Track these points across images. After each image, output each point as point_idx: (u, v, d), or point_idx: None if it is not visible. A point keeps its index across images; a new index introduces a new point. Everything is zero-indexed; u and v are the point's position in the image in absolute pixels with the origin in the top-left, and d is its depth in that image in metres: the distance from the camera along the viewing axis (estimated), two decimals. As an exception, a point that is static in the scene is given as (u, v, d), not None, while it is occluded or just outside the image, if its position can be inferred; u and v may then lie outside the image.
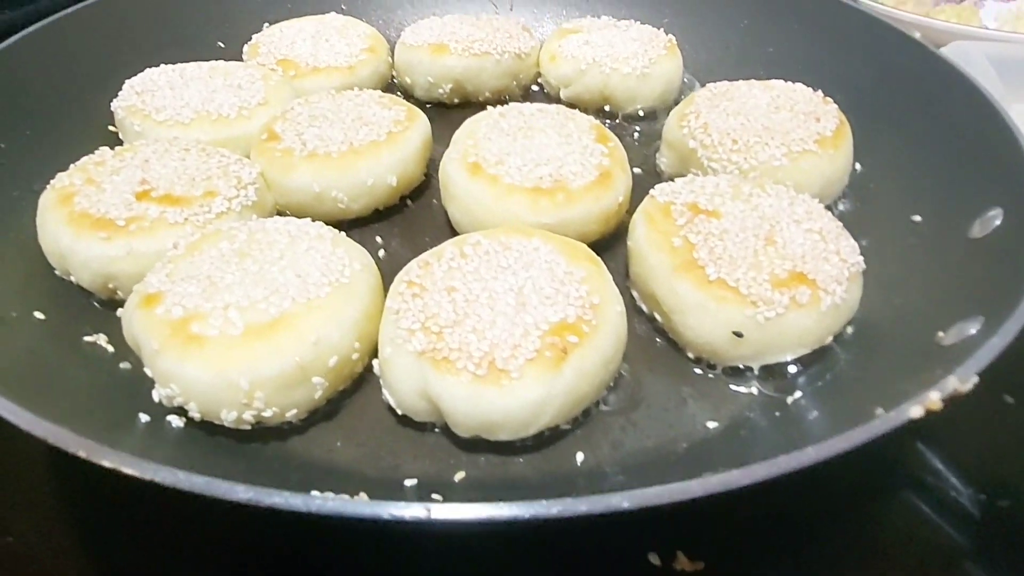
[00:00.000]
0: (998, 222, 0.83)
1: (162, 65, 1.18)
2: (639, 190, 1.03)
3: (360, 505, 0.50)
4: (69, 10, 1.15)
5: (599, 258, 0.84)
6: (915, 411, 0.55)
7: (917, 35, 1.12)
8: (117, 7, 1.23)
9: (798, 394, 0.79)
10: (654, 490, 0.49)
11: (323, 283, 0.77)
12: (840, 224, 0.88)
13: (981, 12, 2.00)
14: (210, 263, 0.79)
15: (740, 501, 0.53)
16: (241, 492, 0.49)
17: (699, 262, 0.82)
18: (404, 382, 0.73)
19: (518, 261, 0.80)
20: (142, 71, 1.17)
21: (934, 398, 0.56)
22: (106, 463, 0.51)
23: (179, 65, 1.18)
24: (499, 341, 0.71)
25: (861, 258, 0.84)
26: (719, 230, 0.86)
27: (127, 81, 1.13)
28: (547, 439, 0.75)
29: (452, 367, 0.69)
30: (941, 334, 0.72)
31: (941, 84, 1.04)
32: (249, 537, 0.72)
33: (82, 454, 0.51)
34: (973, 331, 0.69)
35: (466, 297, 0.75)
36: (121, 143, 1.11)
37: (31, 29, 1.08)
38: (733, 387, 0.82)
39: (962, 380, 0.58)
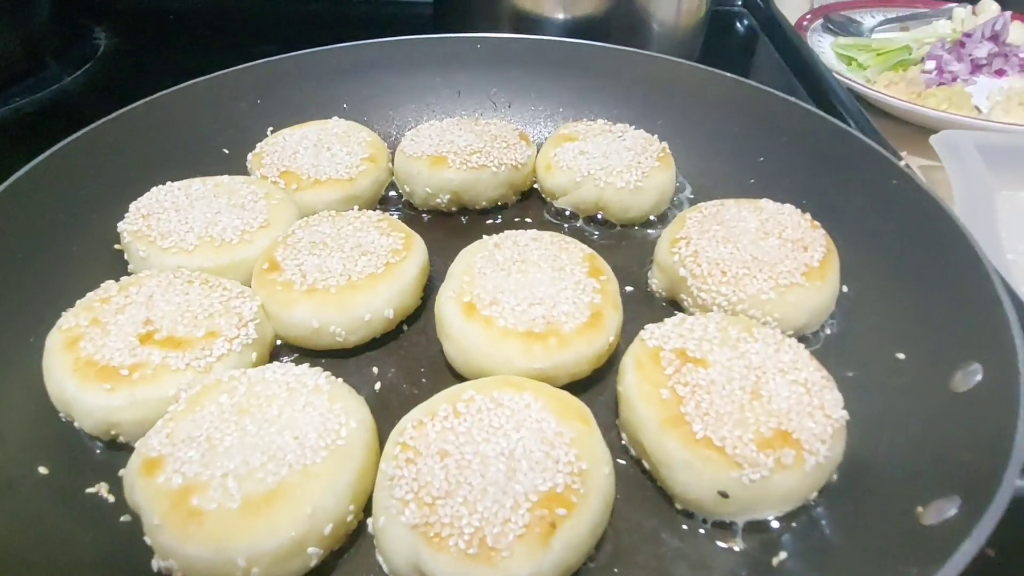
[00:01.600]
0: (978, 378, 0.85)
1: (167, 183, 1.20)
2: (630, 310, 1.06)
3: None
4: (77, 134, 1.18)
5: (589, 412, 0.86)
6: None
7: (903, 164, 1.15)
8: (123, 125, 1.25)
9: (783, 555, 0.81)
10: None
11: (320, 447, 0.79)
12: (825, 373, 0.90)
13: (972, 89, 2.04)
14: (210, 421, 0.81)
15: None
16: None
17: (686, 418, 0.84)
18: (398, 552, 0.75)
19: (509, 421, 0.82)
20: (149, 185, 1.20)
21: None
22: None
23: (184, 183, 1.21)
24: (489, 515, 0.73)
25: (844, 412, 0.86)
26: (707, 381, 0.88)
27: (133, 203, 1.16)
28: (537, 603, 0.76)
29: (444, 544, 0.71)
30: (920, 509, 0.74)
31: (928, 221, 1.06)
32: None
33: None
34: (951, 513, 0.71)
35: (458, 463, 0.77)
36: (126, 264, 1.14)
37: (41, 157, 1.11)
38: (720, 543, 0.83)
39: (936, 590, 0.60)
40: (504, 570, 0.71)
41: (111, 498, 0.85)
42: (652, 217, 1.33)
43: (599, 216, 1.34)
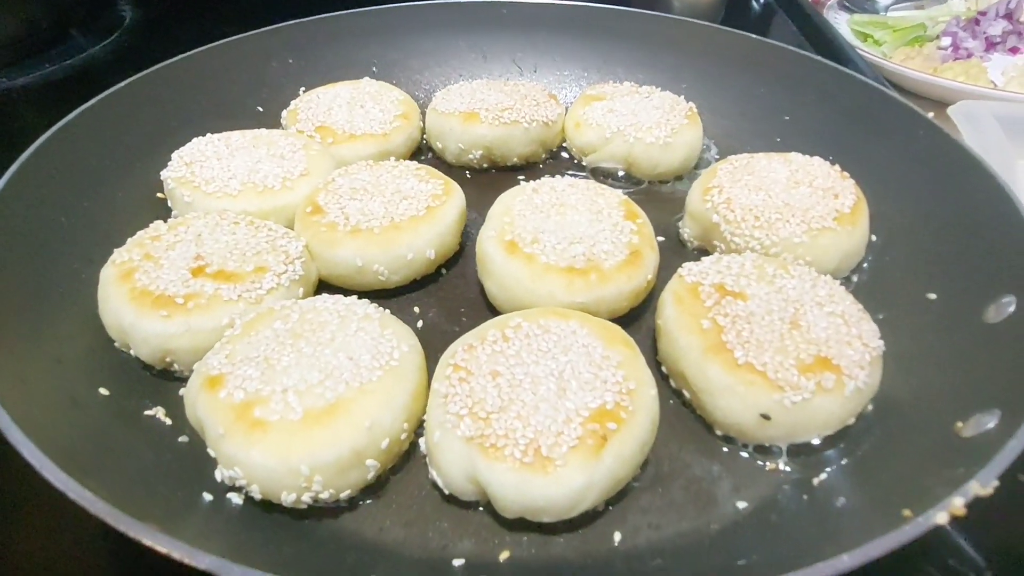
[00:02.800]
0: (1011, 309, 0.87)
1: (208, 134, 1.23)
2: (663, 259, 1.08)
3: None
4: (118, 85, 1.21)
5: (633, 341, 0.88)
6: (941, 517, 0.60)
7: (931, 115, 1.17)
8: (160, 80, 1.28)
9: (824, 475, 0.83)
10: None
11: (374, 367, 0.81)
12: (860, 307, 0.92)
13: (988, 66, 2.06)
14: (266, 344, 0.83)
15: None
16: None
17: (728, 345, 0.87)
18: (453, 465, 0.77)
19: (557, 345, 0.84)
20: (188, 140, 1.22)
21: (958, 504, 0.61)
22: (190, 561, 0.55)
23: (224, 134, 1.23)
24: (543, 428, 0.75)
25: (881, 342, 0.88)
26: (746, 312, 0.90)
27: (175, 152, 1.18)
28: (585, 519, 0.79)
29: (500, 454, 0.74)
30: (960, 424, 0.77)
31: (954, 164, 1.09)
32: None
33: (175, 555, 0.56)
34: (991, 425, 0.73)
35: (510, 382, 0.80)
36: (169, 210, 1.16)
37: (84, 107, 1.14)
38: (761, 464, 0.86)
39: (983, 484, 0.62)
40: (558, 479, 0.73)
41: (168, 421, 0.87)
42: (678, 175, 1.36)
43: (626, 174, 1.36)
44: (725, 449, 0.88)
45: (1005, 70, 2.04)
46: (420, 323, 1.05)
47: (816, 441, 0.86)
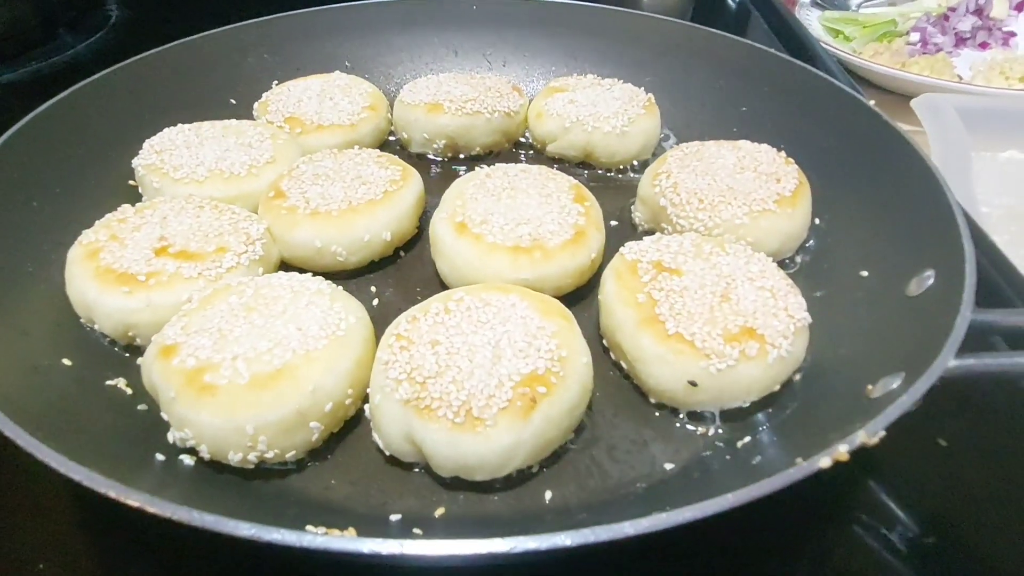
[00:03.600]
0: (931, 282, 0.92)
1: (179, 124, 1.28)
2: (614, 242, 1.13)
3: (345, 541, 0.59)
4: (94, 76, 1.26)
5: (570, 313, 0.93)
6: (825, 462, 0.64)
7: (872, 103, 1.21)
8: (137, 71, 1.33)
9: (747, 438, 0.88)
10: (601, 528, 0.58)
11: (320, 336, 0.86)
12: (790, 282, 0.97)
13: (956, 61, 2.10)
14: (221, 316, 0.88)
15: (693, 536, 0.61)
16: (245, 529, 0.57)
17: (660, 317, 0.91)
18: (391, 426, 0.82)
19: (496, 316, 0.89)
20: (160, 129, 1.27)
21: (842, 450, 0.65)
22: (132, 503, 0.60)
23: (195, 124, 1.28)
24: (475, 391, 0.80)
25: (807, 314, 0.93)
26: (680, 287, 0.95)
27: (147, 141, 1.23)
28: (519, 478, 0.84)
29: (434, 415, 0.78)
30: (870, 387, 0.81)
31: (891, 151, 1.13)
32: (252, 566, 0.80)
33: (112, 495, 0.60)
34: (895, 385, 0.77)
35: (448, 350, 0.84)
36: (140, 197, 1.21)
37: (61, 95, 1.19)
38: (692, 429, 0.90)
39: (870, 435, 0.66)
40: (488, 438, 0.78)
41: (129, 391, 0.92)
42: (636, 163, 1.40)
43: (585, 163, 1.41)
44: (658, 414, 0.93)
45: (973, 64, 2.08)
46: (376, 301, 1.09)
47: (742, 409, 0.90)
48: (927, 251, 0.96)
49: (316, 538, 0.58)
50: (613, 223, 1.24)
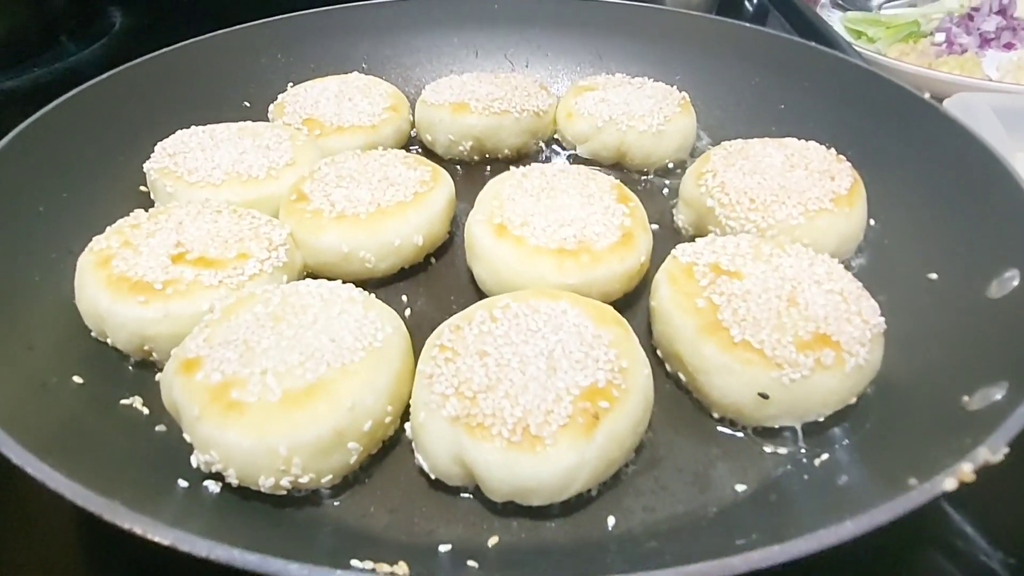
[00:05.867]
0: (1015, 283, 0.84)
1: (192, 127, 1.21)
2: (657, 247, 1.06)
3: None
4: (102, 76, 1.19)
5: (625, 321, 0.85)
6: (949, 483, 0.57)
7: (926, 95, 1.15)
8: (146, 72, 1.27)
9: (825, 455, 0.80)
10: (697, 567, 0.50)
11: (357, 348, 0.79)
12: (860, 284, 0.90)
13: (983, 62, 2.05)
14: (246, 327, 0.81)
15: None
16: (296, 570, 0.50)
17: (723, 323, 0.84)
18: (438, 447, 0.74)
19: (547, 324, 0.82)
20: (172, 131, 1.20)
21: (966, 470, 0.57)
22: (163, 541, 0.52)
23: (209, 126, 1.21)
24: (532, 407, 0.72)
25: (882, 319, 0.86)
26: (742, 291, 0.88)
27: (159, 143, 1.16)
28: (578, 503, 0.76)
29: (487, 433, 0.71)
30: (966, 398, 0.74)
31: (951, 143, 1.07)
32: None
33: (139, 531, 0.53)
34: (998, 396, 0.70)
35: (498, 361, 0.77)
36: (152, 204, 1.14)
37: (67, 96, 1.12)
38: (760, 447, 0.83)
39: (992, 451, 0.59)
40: (548, 458, 0.70)
41: (146, 410, 0.84)
42: (671, 164, 1.33)
43: (619, 164, 1.34)
44: (722, 430, 0.85)
45: (1000, 65, 2.02)
46: (408, 311, 1.02)
47: (817, 420, 0.83)
48: (1007, 249, 0.89)
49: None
50: (654, 226, 1.16)
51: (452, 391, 0.75)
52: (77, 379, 0.84)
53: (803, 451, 0.81)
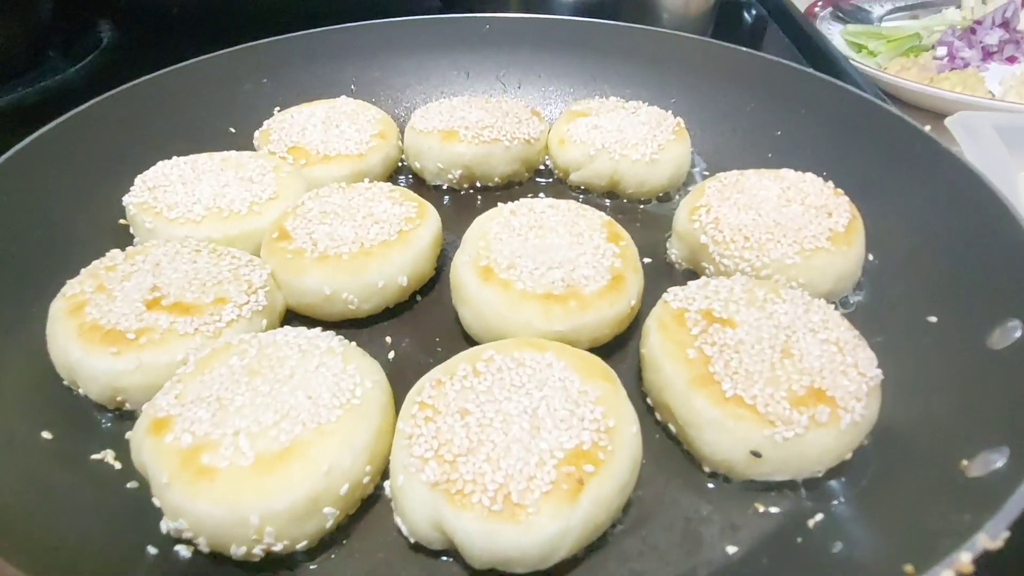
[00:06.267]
0: (1017, 335, 0.82)
1: (173, 157, 1.18)
2: (649, 280, 1.03)
3: None
4: (81, 107, 1.16)
5: (614, 373, 0.83)
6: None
7: (927, 128, 1.12)
8: (128, 100, 1.24)
9: (820, 516, 0.77)
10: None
11: (334, 405, 0.76)
12: (856, 333, 0.87)
13: (985, 76, 2.02)
14: (220, 382, 0.78)
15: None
16: None
17: (715, 376, 0.81)
18: (417, 512, 0.71)
19: (532, 380, 0.79)
20: (153, 162, 1.17)
21: (965, 560, 0.55)
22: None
23: (191, 157, 1.18)
24: (514, 472, 0.70)
25: (879, 371, 0.83)
26: (734, 341, 0.85)
27: (139, 176, 1.13)
28: (561, 567, 0.73)
29: (467, 501, 0.68)
30: (966, 462, 0.71)
31: (954, 180, 1.04)
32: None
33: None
34: (999, 464, 0.67)
35: (479, 421, 0.74)
36: (131, 238, 1.11)
37: (43, 130, 1.09)
38: (752, 503, 0.80)
39: (992, 536, 0.56)
40: (530, 527, 0.67)
41: (117, 464, 0.82)
42: (666, 193, 1.30)
43: (611, 192, 1.31)
44: (712, 486, 0.82)
45: (1003, 79, 1.99)
46: (392, 354, 0.99)
47: (810, 477, 0.80)
48: (1009, 298, 0.86)
49: None
50: (646, 260, 1.13)
51: (432, 454, 0.72)
52: (46, 434, 0.81)
53: (797, 511, 0.78)
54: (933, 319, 0.94)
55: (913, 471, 0.77)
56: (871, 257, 1.08)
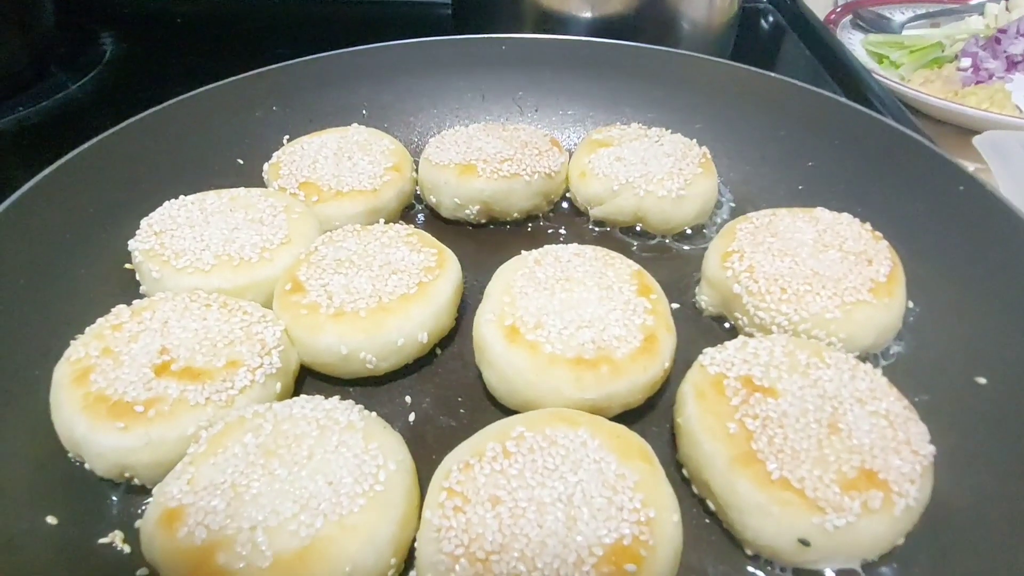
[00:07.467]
0: (1080, 407, 0.77)
1: (181, 197, 1.13)
2: (679, 329, 0.97)
3: None
4: (83, 147, 1.10)
5: (651, 451, 0.78)
6: None
7: (971, 168, 1.06)
8: (133, 134, 1.18)
9: (871, 607, 0.73)
10: None
11: (356, 494, 0.71)
12: (906, 403, 0.82)
13: (1009, 87, 1.95)
14: (234, 465, 0.73)
15: None
16: None
17: (759, 455, 0.77)
18: (447, 613, 0.67)
19: (565, 461, 0.74)
20: (159, 199, 1.12)
21: None
22: None
23: (198, 196, 1.13)
24: (550, 573, 0.65)
25: (932, 447, 0.78)
26: (777, 413, 0.80)
27: (144, 219, 1.08)
28: (599, 668, 0.68)
29: (501, 608, 0.64)
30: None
31: (997, 225, 0.99)
32: None
33: None
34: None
35: (512, 511, 0.70)
36: (137, 284, 1.06)
37: (44, 173, 1.04)
38: (798, 593, 0.75)
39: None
40: (569, 636, 0.63)
41: (126, 548, 0.77)
42: (692, 228, 1.25)
43: (636, 227, 1.26)
44: (753, 569, 0.78)
45: (1028, 89, 1.93)
46: (412, 416, 0.94)
47: (861, 565, 0.76)
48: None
49: None
50: (675, 305, 1.08)
51: (462, 551, 0.68)
52: (51, 520, 0.76)
53: (846, 602, 0.74)
54: (982, 380, 0.90)
55: (967, 559, 0.73)
56: (911, 304, 1.03)
